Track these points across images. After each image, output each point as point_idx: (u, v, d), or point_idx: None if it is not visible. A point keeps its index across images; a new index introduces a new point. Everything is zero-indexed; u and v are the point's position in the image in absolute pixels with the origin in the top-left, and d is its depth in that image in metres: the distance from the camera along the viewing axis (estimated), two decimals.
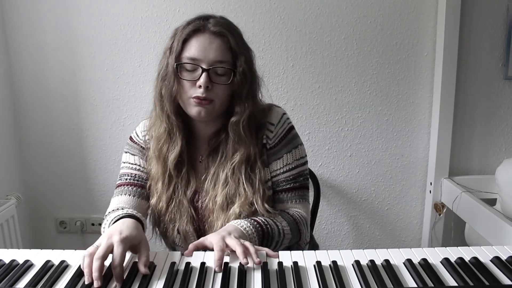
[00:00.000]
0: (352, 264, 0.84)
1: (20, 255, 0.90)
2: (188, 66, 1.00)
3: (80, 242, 2.05)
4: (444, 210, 1.89)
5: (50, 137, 1.95)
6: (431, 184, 1.92)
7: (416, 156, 1.96)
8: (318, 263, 0.83)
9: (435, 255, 0.88)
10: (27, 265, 0.85)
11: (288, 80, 1.88)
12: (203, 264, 0.84)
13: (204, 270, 0.82)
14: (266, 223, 1.01)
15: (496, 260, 0.85)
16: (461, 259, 0.85)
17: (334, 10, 1.81)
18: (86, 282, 0.77)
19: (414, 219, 2.03)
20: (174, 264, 0.83)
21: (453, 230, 1.96)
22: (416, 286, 0.77)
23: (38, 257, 0.89)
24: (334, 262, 0.84)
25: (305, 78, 1.88)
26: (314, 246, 1.43)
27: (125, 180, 1.12)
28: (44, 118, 1.93)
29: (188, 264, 0.84)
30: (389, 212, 2.02)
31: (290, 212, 1.09)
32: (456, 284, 0.78)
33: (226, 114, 1.06)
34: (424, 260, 0.85)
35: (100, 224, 2.00)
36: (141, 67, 1.87)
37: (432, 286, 0.77)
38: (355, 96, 1.90)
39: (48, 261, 0.86)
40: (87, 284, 0.76)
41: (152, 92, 1.08)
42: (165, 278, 0.79)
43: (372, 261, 0.84)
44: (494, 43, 1.84)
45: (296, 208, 1.11)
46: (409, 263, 0.84)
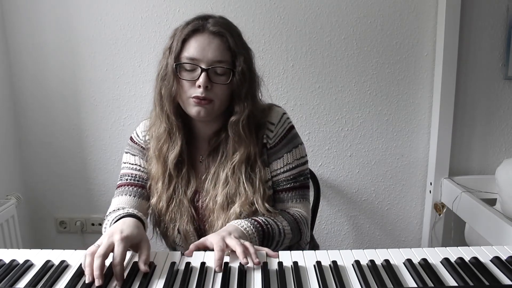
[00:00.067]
0: (352, 264, 0.84)
1: (20, 255, 0.90)
2: (187, 66, 1.01)
3: (80, 242, 2.05)
4: (444, 210, 1.89)
5: (50, 137, 1.95)
6: (431, 184, 1.92)
7: (416, 156, 1.96)
8: (318, 263, 0.83)
9: (435, 255, 0.88)
10: (27, 265, 0.85)
11: (288, 80, 1.88)
12: (203, 264, 0.84)
13: (204, 270, 0.82)
14: (267, 223, 1.01)
15: (496, 260, 0.85)
16: (461, 259, 0.85)
17: (334, 10, 1.81)
18: (87, 281, 0.77)
19: (414, 219, 2.03)
20: (174, 264, 0.83)
21: (453, 230, 1.96)
22: (416, 286, 0.77)
23: (38, 257, 0.89)
24: (334, 262, 0.84)
25: (305, 78, 1.88)
26: (314, 246, 1.43)
27: (125, 180, 1.12)
28: (44, 118, 1.93)
29: (188, 264, 0.84)
30: (389, 212, 2.02)
31: (291, 212, 1.09)
32: (456, 284, 0.77)
33: (226, 113, 1.06)
34: (424, 260, 0.85)
35: (100, 224, 2.01)
36: (141, 67, 1.87)
37: (432, 286, 0.77)
38: (355, 96, 1.90)
39: (48, 261, 0.86)
40: (88, 283, 0.76)
41: (152, 92, 1.09)
42: (165, 278, 0.79)
43: (372, 261, 0.84)
44: (494, 43, 1.84)
45: (297, 208, 1.11)
46: (409, 263, 0.84)
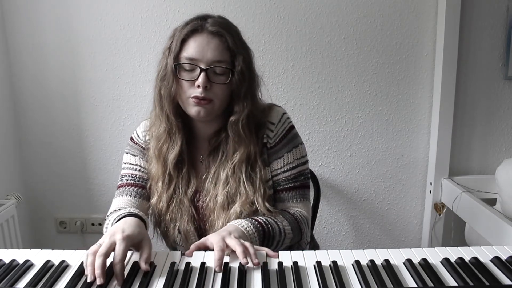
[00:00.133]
0: (352, 264, 0.84)
1: (20, 255, 0.90)
2: (186, 66, 1.01)
3: (80, 242, 2.05)
4: (444, 210, 1.89)
5: (50, 137, 1.95)
6: (431, 184, 1.91)
7: (416, 156, 1.96)
8: (318, 263, 0.83)
9: (435, 255, 0.88)
10: (27, 265, 0.85)
11: (288, 80, 1.88)
12: (203, 264, 0.84)
13: (204, 270, 0.82)
14: (267, 222, 1.01)
15: (496, 260, 0.85)
16: (461, 259, 0.85)
17: (334, 10, 1.81)
18: (89, 280, 0.77)
19: (414, 219, 2.03)
20: (174, 264, 0.83)
21: (453, 230, 1.96)
22: (416, 286, 0.77)
23: (38, 257, 0.89)
24: (334, 262, 0.84)
25: (305, 78, 1.88)
26: (315, 247, 1.43)
27: (126, 181, 1.13)
28: (44, 118, 1.93)
29: (188, 264, 0.84)
30: (389, 212, 2.02)
31: (291, 212, 1.09)
32: (456, 284, 0.77)
33: (226, 113, 1.06)
34: (424, 260, 0.85)
35: (100, 224, 2.01)
36: (141, 67, 1.87)
37: (432, 286, 0.77)
38: (355, 96, 1.90)
39: (48, 261, 0.86)
40: (89, 282, 0.77)
41: (152, 92, 1.09)
42: (165, 278, 0.79)
43: (372, 261, 0.84)
44: (494, 43, 1.84)
45: (297, 208, 1.11)
46: (409, 263, 0.84)
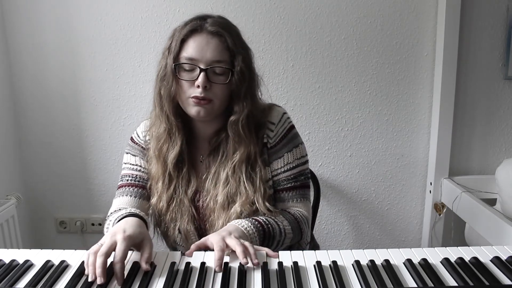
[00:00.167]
0: (352, 264, 0.84)
1: (20, 255, 0.90)
2: (186, 66, 1.01)
3: (80, 242, 2.05)
4: (444, 210, 1.89)
5: (50, 137, 1.95)
6: (431, 184, 1.91)
7: (416, 156, 1.96)
8: (318, 263, 0.83)
9: (435, 255, 0.88)
10: (27, 265, 0.85)
11: (288, 80, 1.88)
12: (203, 264, 0.84)
13: (204, 270, 0.82)
14: (267, 222, 1.01)
15: (496, 260, 0.85)
16: (461, 259, 0.85)
17: (334, 10, 1.81)
18: (90, 279, 0.77)
19: (414, 219, 2.03)
20: (174, 264, 0.83)
21: (453, 230, 1.96)
22: (416, 286, 0.77)
23: (38, 257, 0.89)
24: (334, 262, 0.84)
25: (305, 78, 1.88)
26: (315, 247, 1.43)
27: (126, 181, 1.13)
28: (44, 118, 1.93)
29: (188, 264, 0.84)
30: (389, 212, 2.02)
31: (291, 211, 1.09)
32: (456, 284, 0.77)
33: (226, 113, 1.06)
34: (424, 260, 0.85)
35: (100, 224, 2.01)
36: (141, 67, 1.87)
37: (432, 286, 0.77)
38: (355, 96, 1.90)
39: (48, 261, 0.86)
40: (90, 281, 0.77)
41: (152, 92, 1.09)
42: (165, 278, 0.79)
43: (372, 261, 0.84)
44: (494, 43, 1.84)
45: (297, 207, 1.11)
46: (409, 263, 0.84)
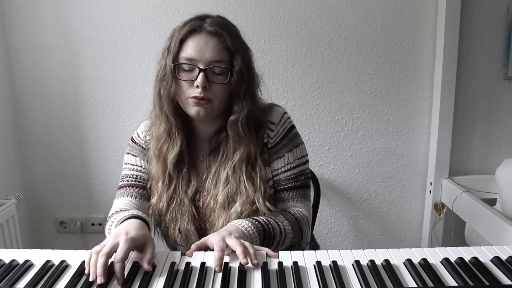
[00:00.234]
0: (352, 264, 0.84)
1: (20, 255, 0.90)
2: (185, 67, 1.01)
3: (80, 242, 2.05)
4: (444, 210, 1.89)
5: (50, 137, 1.95)
6: (431, 184, 1.91)
7: (416, 156, 1.96)
8: (318, 263, 0.83)
9: (435, 255, 0.88)
10: (27, 265, 0.85)
11: (288, 80, 1.88)
12: (203, 264, 0.84)
13: (204, 270, 0.82)
14: (268, 222, 1.01)
15: (496, 260, 0.85)
16: (461, 259, 0.85)
17: (334, 10, 1.81)
18: (91, 279, 0.78)
19: (414, 219, 2.03)
20: (174, 264, 0.83)
21: (453, 230, 1.96)
22: (416, 286, 0.77)
23: (38, 257, 0.89)
24: (334, 262, 0.84)
25: (305, 78, 1.88)
26: (315, 247, 1.43)
27: (126, 181, 1.13)
28: (44, 118, 1.93)
29: (188, 264, 0.84)
30: (389, 212, 2.02)
31: (292, 211, 1.09)
32: (456, 284, 0.77)
33: (226, 113, 1.06)
34: (424, 260, 0.85)
35: (100, 224, 2.01)
36: (141, 67, 1.87)
37: (432, 286, 0.77)
38: (355, 96, 1.90)
39: (48, 261, 0.86)
40: (90, 281, 0.77)
41: (152, 92, 1.09)
42: (165, 278, 0.79)
43: (372, 261, 0.84)
44: (494, 43, 1.84)
45: (298, 207, 1.11)
46: (409, 263, 0.84)
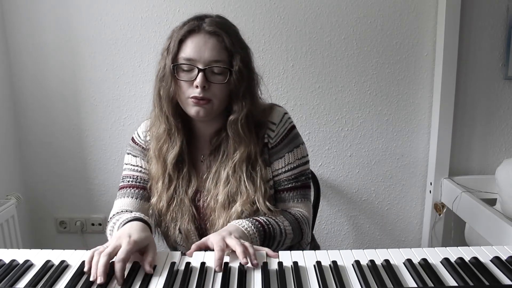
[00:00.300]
0: (352, 264, 0.84)
1: (20, 255, 0.90)
2: (184, 67, 1.01)
3: (80, 242, 2.05)
4: (444, 210, 1.89)
5: (50, 137, 1.95)
6: (431, 184, 1.91)
7: (416, 156, 1.96)
8: (318, 263, 0.83)
9: (435, 255, 0.88)
10: (27, 265, 0.85)
11: (288, 80, 1.88)
12: (203, 264, 0.84)
13: (204, 270, 0.82)
14: (268, 222, 1.01)
15: (496, 260, 0.85)
16: (461, 259, 0.85)
17: (334, 10, 1.81)
18: (91, 278, 0.78)
19: (414, 219, 2.03)
20: (174, 264, 0.83)
21: (453, 230, 1.96)
22: (416, 286, 0.77)
23: (38, 257, 0.89)
24: (334, 262, 0.84)
25: (305, 78, 1.88)
26: (315, 247, 1.43)
27: (127, 182, 1.13)
28: (44, 118, 1.93)
29: (188, 264, 0.84)
30: (389, 212, 2.02)
31: (292, 212, 1.09)
32: (456, 284, 0.77)
33: (226, 113, 1.06)
34: (424, 260, 0.85)
35: (100, 224, 2.01)
36: (141, 67, 1.87)
37: (432, 286, 0.77)
38: (355, 96, 1.90)
39: (48, 261, 0.86)
40: (90, 281, 0.78)
41: (152, 93, 1.09)
42: (165, 278, 0.79)
43: (372, 261, 0.84)
44: (494, 43, 1.84)
45: (298, 208, 1.11)
46: (409, 263, 0.84)
